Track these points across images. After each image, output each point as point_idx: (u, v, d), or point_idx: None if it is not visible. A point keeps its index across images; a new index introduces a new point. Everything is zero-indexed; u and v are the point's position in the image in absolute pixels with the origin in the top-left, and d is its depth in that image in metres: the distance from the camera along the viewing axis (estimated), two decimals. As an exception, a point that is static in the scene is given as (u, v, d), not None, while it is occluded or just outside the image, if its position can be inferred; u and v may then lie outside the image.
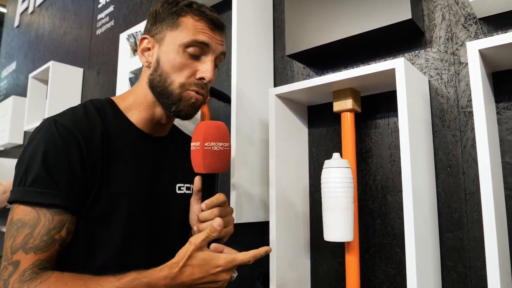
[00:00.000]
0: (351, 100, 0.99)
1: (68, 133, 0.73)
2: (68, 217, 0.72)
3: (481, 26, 0.92)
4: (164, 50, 0.83)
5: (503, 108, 0.87)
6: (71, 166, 0.72)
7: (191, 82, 0.82)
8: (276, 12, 1.40)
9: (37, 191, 0.69)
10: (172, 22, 0.83)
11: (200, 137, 0.76)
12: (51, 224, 0.69)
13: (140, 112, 0.87)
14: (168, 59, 0.82)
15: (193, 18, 0.83)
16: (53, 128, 0.73)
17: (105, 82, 2.30)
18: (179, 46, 0.81)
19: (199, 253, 0.70)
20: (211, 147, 0.76)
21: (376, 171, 1.05)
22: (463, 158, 0.92)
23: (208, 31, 0.83)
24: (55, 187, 0.70)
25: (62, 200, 0.70)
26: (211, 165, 0.76)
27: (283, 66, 1.34)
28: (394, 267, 0.99)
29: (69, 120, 0.76)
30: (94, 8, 2.61)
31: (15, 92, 3.67)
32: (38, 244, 0.68)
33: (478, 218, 0.88)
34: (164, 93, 0.83)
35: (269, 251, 0.76)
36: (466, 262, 0.88)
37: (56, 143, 0.72)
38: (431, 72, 0.99)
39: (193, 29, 0.82)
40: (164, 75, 0.82)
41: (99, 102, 0.85)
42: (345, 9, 1.04)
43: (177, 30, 0.82)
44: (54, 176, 0.70)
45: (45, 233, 0.68)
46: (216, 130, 0.78)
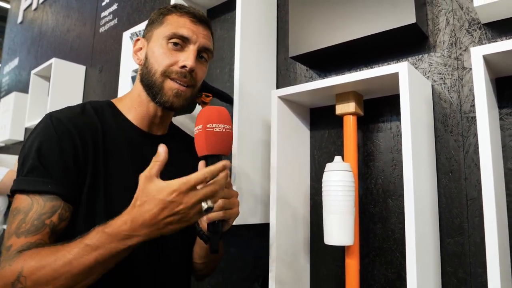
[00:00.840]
0: (354, 103, 0.99)
1: (62, 126, 0.78)
2: (60, 204, 0.74)
3: (485, 32, 0.92)
4: (151, 45, 0.89)
5: (506, 114, 0.87)
6: (64, 156, 0.75)
7: (172, 70, 0.87)
8: (280, 14, 1.40)
9: (31, 180, 0.73)
10: (159, 21, 0.90)
11: (202, 120, 0.78)
12: (42, 209, 0.72)
13: (135, 109, 0.91)
14: (153, 51, 0.88)
15: (176, 14, 0.90)
16: (49, 122, 0.78)
17: (107, 80, 2.30)
18: (162, 39, 0.88)
19: (150, 184, 0.67)
20: (213, 129, 0.77)
21: (377, 175, 1.05)
22: (465, 164, 0.91)
23: (189, 25, 0.89)
24: (48, 176, 0.73)
25: (55, 187, 0.73)
26: (214, 146, 0.77)
27: (286, 68, 1.34)
28: (394, 272, 0.99)
29: (64, 115, 0.80)
30: (98, 6, 2.61)
31: (17, 88, 3.67)
32: (29, 228, 0.70)
33: (479, 223, 0.87)
34: (149, 83, 0.88)
35: (227, 165, 0.71)
36: (467, 268, 0.88)
37: (50, 135, 0.76)
38: (435, 76, 0.99)
39: (175, 23, 0.88)
40: (150, 66, 0.88)
41: (97, 103, 0.90)
42: (349, 12, 1.04)
43: (161, 26, 0.89)
44: (47, 165, 0.74)
45: (36, 217, 0.71)
46: (218, 113, 0.79)
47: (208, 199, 0.68)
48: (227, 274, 1.39)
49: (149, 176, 0.68)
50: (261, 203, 1.20)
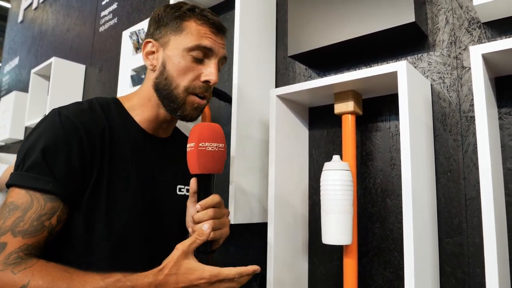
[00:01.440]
0: (353, 103, 0.98)
1: (70, 124, 0.75)
2: (60, 205, 0.72)
3: (484, 31, 0.92)
4: (169, 54, 0.85)
5: (505, 113, 0.86)
6: (69, 156, 0.73)
7: (195, 86, 0.85)
8: (279, 13, 1.39)
9: (32, 176, 0.70)
10: (176, 27, 0.85)
11: (194, 138, 0.77)
12: (42, 210, 0.70)
13: (143, 112, 0.88)
14: (173, 63, 0.84)
15: (196, 22, 0.86)
16: (56, 118, 0.75)
17: (107, 79, 2.30)
18: (183, 50, 0.84)
19: (185, 261, 0.70)
20: (205, 147, 0.77)
21: (376, 175, 1.05)
22: (464, 163, 0.91)
23: (211, 35, 0.86)
24: (50, 174, 0.71)
25: (56, 187, 0.71)
26: (206, 165, 0.77)
27: (285, 67, 1.34)
28: (392, 272, 0.99)
29: (73, 112, 0.77)
30: (98, 5, 2.61)
31: (17, 88, 3.67)
32: (28, 228, 0.68)
33: (478, 224, 0.87)
34: (169, 96, 0.85)
35: (257, 271, 0.75)
36: (465, 268, 0.88)
37: (58, 132, 0.73)
38: (434, 75, 0.98)
39: (196, 33, 0.84)
40: (170, 78, 0.84)
41: (104, 100, 0.87)
42: (348, 10, 1.03)
43: (181, 35, 0.85)
44: (51, 164, 0.71)
45: (35, 218, 0.69)
46: (211, 131, 0.79)
47: None
48: (226, 274, 1.39)
49: (187, 252, 0.70)
50: (259, 202, 1.19)
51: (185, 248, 0.70)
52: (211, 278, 0.69)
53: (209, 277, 0.69)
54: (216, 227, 0.78)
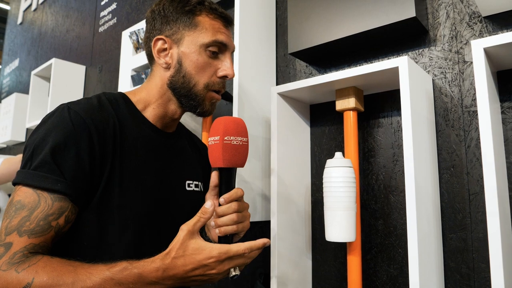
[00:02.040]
0: (354, 99, 0.98)
1: (80, 120, 0.73)
2: (68, 206, 0.70)
3: (485, 25, 0.91)
4: (185, 51, 0.84)
5: (508, 107, 0.86)
6: (79, 154, 0.71)
7: (214, 82, 0.85)
8: (279, 10, 1.39)
9: (40, 175, 0.68)
10: (189, 22, 0.84)
11: (219, 131, 0.76)
12: (50, 209, 0.68)
13: (153, 109, 0.88)
14: (191, 60, 0.83)
15: (209, 16, 0.85)
16: (66, 114, 0.73)
17: (107, 79, 2.30)
18: (200, 47, 0.83)
19: (191, 241, 0.68)
20: (230, 141, 0.76)
21: (378, 171, 1.04)
22: (467, 158, 0.91)
23: (224, 30, 0.86)
24: (59, 174, 0.69)
25: (65, 187, 0.69)
26: (230, 159, 0.76)
27: (286, 64, 1.34)
28: (397, 268, 0.98)
29: (83, 108, 0.75)
30: (97, 6, 2.61)
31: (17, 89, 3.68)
32: (34, 228, 0.67)
33: (482, 218, 0.87)
34: (188, 95, 0.85)
35: (267, 243, 0.73)
36: (470, 263, 0.87)
37: (67, 129, 0.71)
38: (435, 71, 0.98)
39: (211, 29, 0.84)
40: (188, 76, 0.84)
41: (112, 95, 0.85)
42: (348, 7, 1.03)
43: (196, 31, 0.84)
44: (60, 162, 0.69)
45: (42, 217, 0.67)
46: (235, 125, 0.78)
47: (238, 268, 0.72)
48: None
49: (192, 232, 0.69)
50: (262, 200, 1.19)
51: (190, 228, 0.69)
52: (220, 256, 0.67)
53: (218, 255, 0.67)
54: (239, 221, 0.77)
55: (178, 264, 0.67)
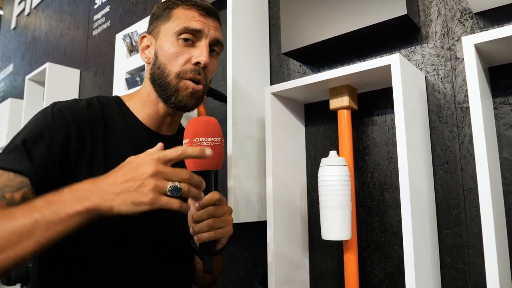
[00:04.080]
0: (348, 98, 0.98)
1: (60, 115, 0.76)
2: (29, 185, 0.69)
3: (477, 21, 0.92)
4: (160, 43, 0.86)
5: (500, 103, 0.86)
6: (51, 145, 0.73)
7: (186, 69, 0.83)
8: (272, 10, 1.39)
9: (9, 157, 0.70)
10: (165, 16, 0.86)
11: (189, 134, 0.74)
12: (9, 182, 0.68)
13: (144, 108, 0.88)
14: (164, 50, 0.84)
15: (184, 8, 0.86)
16: (49, 109, 0.77)
17: (102, 83, 2.30)
18: (172, 36, 0.84)
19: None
20: (200, 143, 0.73)
21: (373, 169, 1.05)
22: (461, 154, 0.91)
23: (199, 18, 0.85)
24: (27, 157, 0.70)
25: (28, 169, 0.69)
26: (201, 161, 0.73)
27: (279, 64, 1.34)
28: (393, 265, 0.99)
29: (68, 105, 0.78)
30: (90, 9, 2.60)
31: (12, 95, 3.66)
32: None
33: (477, 214, 0.87)
34: (162, 84, 0.84)
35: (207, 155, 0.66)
36: (465, 259, 0.88)
37: (46, 121, 0.75)
38: (428, 68, 0.98)
39: (184, 17, 0.85)
40: (162, 67, 0.84)
41: (105, 98, 0.87)
42: (340, 6, 1.03)
43: (169, 22, 0.85)
44: (30, 148, 0.71)
45: (9, 192, 0.67)
46: (206, 125, 0.75)
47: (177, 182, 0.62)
48: (227, 273, 1.39)
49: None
50: (258, 200, 1.19)
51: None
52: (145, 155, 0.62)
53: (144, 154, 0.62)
54: (217, 226, 0.74)
55: (109, 175, 0.62)
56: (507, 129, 0.85)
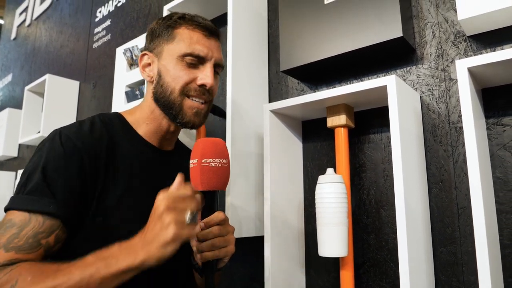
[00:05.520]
0: (345, 116, 1.00)
1: (70, 144, 0.75)
2: (59, 225, 0.71)
3: (470, 44, 0.95)
4: (163, 63, 0.86)
5: (493, 123, 0.89)
6: (70, 176, 0.73)
7: (190, 88, 0.85)
8: (271, 28, 1.42)
9: (33, 199, 0.69)
10: (168, 35, 0.87)
11: (197, 154, 0.75)
12: (40, 227, 0.68)
13: (147, 125, 0.89)
14: (169, 70, 0.85)
15: (188, 28, 0.87)
16: (57, 140, 0.75)
17: (101, 95, 2.31)
18: (176, 58, 0.85)
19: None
20: (208, 164, 0.74)
21: (370, 186, 1.06)
22: (455, 173, 0.93)
23: (203, 40, 0.86)
24: (51, 196, 0.70)
25: (56, 208, 0.70)
26: (209, 182, 0.74)
27: (278, 81, 1.36)
28: (389, 282, 0.99)
29: (74, 132, 0.78)
30: (91, 22, 2.63)
31: (10, 104, 3.67)
32: (22, 245, 0.66)
33: (471, 232, 0.88)
34: (167, 103, 0.86)
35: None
36: (460, 276, 0.89)
37: (58, 153, 0.74)
38: (423, 88, 1.01)
39: (188, 40, 0.85)
40: (165, 85, 0.85)
41: (107, 116, 0.87)
42: (338, 26, 1.06)
43: (173, 42, 0.86)
44: (51, 185, 0.71)
45: (32, 235, 0.67)
46: (214, 147, 0.76)
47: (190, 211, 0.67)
48: (223, 288, 1.39)
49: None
50: (255, 216, 1.20)
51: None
52: (164, 196, 0.65)
53: (162, 196, 0.66)
54: (221, 245, 0.75)
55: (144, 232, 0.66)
56: (500, 149, 0.87)
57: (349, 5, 1.04)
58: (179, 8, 1.46)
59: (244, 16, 1.30)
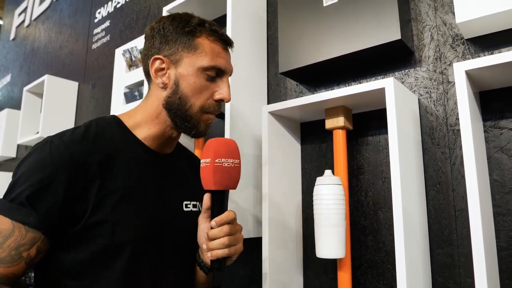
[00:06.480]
0: (343, 118, 1.01)
1: (59, 155, 0.73)
2: (41, 237, 0.71)
3: (468, 47, 0.95)
4: (183, 73, 0.83)
5: (490, 126, 0.89)
6: (54, 189, 0.71)
7: (209, 104, 0.84)
8: (270, 30, 1.43)
9: (15, 207, 0.69)
10: (189, 44, 0.83)
11: (210, 154, 0.76)
12: (22, 239, 0.69)
13: (149, 129, 0.87)
14: (188, 82, 0.82)
15: (208, 39, 0.84)
16: (47, 149, 0.74)
17: (100, 96, 2.31)
18: (198, 70, 0.82)
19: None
20: (221, 163, 0.76)
21: (367, 188, 1.07)
22: (452, 175, 0.93)
23: (223, 53, 0.86)
24: (31, 208, 0.70)
25: (36, 221, 0.70)
26: (221, 181, 0.76)
27: (277, 83, 1.37)
28: (386, 284, 1.00)
29: (65, 142, 0.75)
30: (91, 23, 2.64)
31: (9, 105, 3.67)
32: (5, 257, 0.68)
33: (468, 234, 0.89)
34: (183, 116, 0.84)
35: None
36: (457, 278, 0.89)
37: (45, 164, 0.72)
38: (421, 90, 1.01)
39: (211, 52, 0.83)
40: (184, 98, 0.83)
41: (104, 121, 0.85)
42: (336, 28, 1.06)
43: (195, 53, 0.83)
44: (33, 197, 0.70)
45: (14, 247, 0.68)
46: (227, 147, 0.78)
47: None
48: (221, 289, 1.39)
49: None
50: (253, 217, 1.21)
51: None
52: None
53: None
54: (231, 244, 0.77)
55: None
56: (497, 152, 0.87)
57: (347, 8, 1.05)
58: (179, 9, 1.46)
59: (243, 17, 1.30)
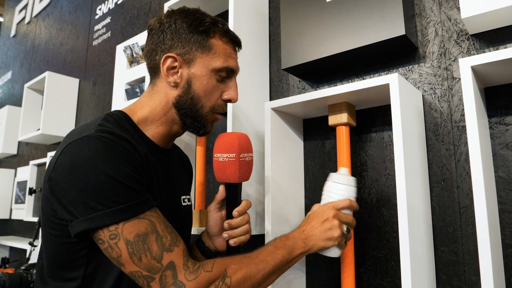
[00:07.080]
0: (346, 114, 1.00)
1: (122, 139, 0.72)
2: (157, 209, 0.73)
3: (473, 42, 0.94)
4: (196, 73, 0.83)
5: (495, 122, 0.88)
6: (135, 171, 0.71)
7: (219, 105, 0.86)
8: (272, 26, 1.42)
9: (134, 204, 0.68)
10: (203, 44, 0.83)
11: (235, 149, 0.80)
12: (160, 217, 0.71)
13: (157, 127, 0.86)
14: (201, 83, 0.83)
15: (221, 40, 0.85)
16: (107, 137, 0.71)
17: (101, 93, 2.31)
18: (211, 71, 0.83)
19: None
20: (244, 158, 0.80)
21: (371, 185, 1.06)
22: (457, 172, 0.93)
23: (234, 54, 0.87)
24: (141, 193, 0.70)
25: (151, 200, 0.72)
26: (244, 175, 0.82)
27: (279, 79, 1.36)
28: (390, 281, 0.99)
29: (110, 128, 0.74)
30: (91, 19, 2.63)
31: (10, 102, 3.67)
32: (172, 239, 0.70)
33: (473, 231, 0.88)
34: (193, 115, 0.84)
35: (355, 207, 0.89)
36: (461, 276, 0.89)
37: (113, 155, 0.70)
38: (425, 86, 1.00)
39: (224, 54, 0.84)
40: (196, 98, 0.83)
41: (116, 117, 0.82)
42: (340, 24, 1.05)
43: (209, 54, 0.83)
44: (133, 184, 0.69)
45: (164, 227, 0.70)
46: (247, 142, 0.83)
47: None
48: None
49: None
50: (256, 214, 1.20)
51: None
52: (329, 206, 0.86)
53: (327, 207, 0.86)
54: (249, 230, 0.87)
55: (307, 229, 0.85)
56: (503, 149, 0.87)
57: (351, 3, 1.04)
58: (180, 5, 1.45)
59: (245, 13, 1.29)
